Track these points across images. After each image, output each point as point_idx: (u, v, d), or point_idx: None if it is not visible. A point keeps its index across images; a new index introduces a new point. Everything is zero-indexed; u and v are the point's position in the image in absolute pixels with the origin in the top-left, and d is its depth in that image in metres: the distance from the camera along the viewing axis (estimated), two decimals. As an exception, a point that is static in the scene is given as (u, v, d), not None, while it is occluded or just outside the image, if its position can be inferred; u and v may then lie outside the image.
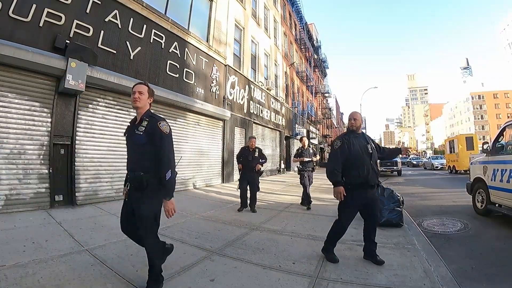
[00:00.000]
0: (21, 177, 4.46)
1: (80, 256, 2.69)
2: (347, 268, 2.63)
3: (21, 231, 3.35)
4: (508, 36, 58.00)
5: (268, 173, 14.55)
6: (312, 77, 26.08)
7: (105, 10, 5.71)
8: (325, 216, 4.91)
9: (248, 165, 5.41)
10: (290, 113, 19.09)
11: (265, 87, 14.33)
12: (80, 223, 3.92)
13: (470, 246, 3.48)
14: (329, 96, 36.93)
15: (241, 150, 5.73)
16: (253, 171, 5.40)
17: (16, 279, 2.13)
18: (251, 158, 5.43)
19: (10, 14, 4.23)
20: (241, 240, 3.49)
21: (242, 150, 5.69)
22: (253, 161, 5.42)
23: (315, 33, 31.67)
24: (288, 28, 20.49)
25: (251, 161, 5.41)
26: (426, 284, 2.30)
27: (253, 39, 13.55)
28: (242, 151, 5.65)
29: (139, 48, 6.52)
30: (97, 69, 5.34)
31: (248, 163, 5.42)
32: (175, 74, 7.65)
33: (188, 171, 8.14)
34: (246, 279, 2.37)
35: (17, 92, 4.47)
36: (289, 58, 20.24)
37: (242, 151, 5.65)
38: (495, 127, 47.22)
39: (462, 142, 17.15)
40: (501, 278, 2.54)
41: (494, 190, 4.56)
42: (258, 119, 13.13)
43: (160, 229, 3.74)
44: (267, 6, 15.90)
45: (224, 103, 10.07)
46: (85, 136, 5.41)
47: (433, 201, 6.94)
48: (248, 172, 5.41)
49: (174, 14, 7.76)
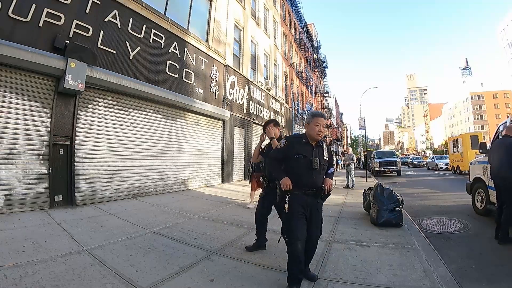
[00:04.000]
0: (21, 177, 4.45)
1: (79, 256, 2.69)
2: (347, 268, 2.63)
3: (21, 231, 3.35)
4: (507, 36, 58.06)
5: (268, 173, 14.54)
6: (312, 77, 26.08)
7: (105, 10, 5.71)
8: (324, 216, 4.89)
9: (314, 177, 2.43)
10: (290, 113, 19.09)
11: (265, 87, 14.33)
12: (79, 223, 3.92)
13: (469, 246, 3.48)
14: (329, 96, 36.95)
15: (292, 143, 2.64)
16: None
17: (15, 279, 2.13)
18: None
19: (9, 14, 4.23)
20: (241, 240, 3.48)
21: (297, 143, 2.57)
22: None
23: (314, 33, 31.68)
24: (288, 28, 20.49)
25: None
26: (426, 284, 2.30)
27: (253, 39, 13.55)
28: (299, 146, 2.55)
29: (139, 48, 6.52)
30: (96, 69, 5.34)
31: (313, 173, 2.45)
32: (175, 74, 7.65)
33: (187, 171, 8.14)
34: (245, 279, 2.37)
35: (16, 92, 4.47)
36: (288, 58, 20.24)
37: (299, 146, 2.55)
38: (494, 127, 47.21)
39: (467, 141, 16.22)
40: (500, 278, 2.54)
41: (493, 190, 4.56)
42: (258, 119, 13.12)
43: (159, 229, 3.78)
44: (267, 6, 15.90)
45: (224, 103, 10.07)
46: (84, 136, 5.41)
47: (433, 201, 6.95)
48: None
49: (173, 14, 7.76)
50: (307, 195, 2.20)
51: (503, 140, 3.71)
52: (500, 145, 3.70)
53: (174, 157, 7.66)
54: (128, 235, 3.46)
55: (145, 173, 6.68)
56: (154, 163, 6.93)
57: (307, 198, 2.20)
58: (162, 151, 7.21)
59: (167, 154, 7.37)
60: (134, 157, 6.44)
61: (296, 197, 2.19)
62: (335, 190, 9.05)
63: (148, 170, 6.76)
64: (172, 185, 7.54)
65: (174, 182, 7.64)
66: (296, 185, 2.18)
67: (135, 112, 6.51)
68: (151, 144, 6.86)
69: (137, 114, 6.56)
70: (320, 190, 2.23)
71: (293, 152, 2.25)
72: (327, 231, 3.89)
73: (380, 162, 17.08)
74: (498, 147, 3.73)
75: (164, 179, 7.25)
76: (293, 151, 2.25)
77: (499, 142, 3.82)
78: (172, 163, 7.57)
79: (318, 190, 2.22)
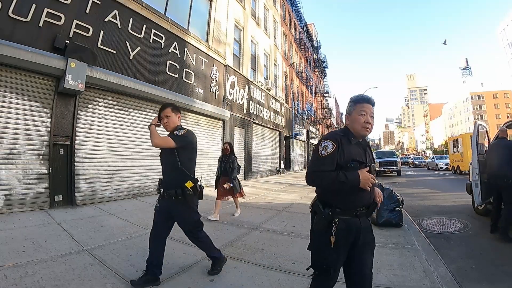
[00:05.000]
0: (21, 177, 4.46)
1: (79, 256, 2.69)
2: (347, 268, 2.62)
3: (21, 231, 3.35)
4: (507, 36, 58.03)
5: (268, 173, 14.56)
6: (312, 77, 26.07)
7: (105, 10, 5.71)
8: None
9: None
10: (290, 113, 19.09)
11: (265, 87, 14.33)
12: (79, 223, 3.92)
13: (470, 246, 3.48)
14: (329, 96, 36.91)
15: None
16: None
17: (15, 279, 2.13)
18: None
19: (10, 14, 4.23)
20: (241, 240, 3.48)
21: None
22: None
23: (314, 33, 31.68)
24: (288, 28, 20.49)
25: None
26: (426, 284, 2.30)
27: (253, 39, 13.55)
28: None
29: (139, 48, 6.52)
30: (96, 69, 5.34)
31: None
32: (175, 74, 7.65)
33: (188, 171, 8.13)
34: (246, 279, 2.37)
35: (17, 92, 4.47)
36: (288, 58, 20.24)
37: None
38: (494, 127, 47.33)
39: (467, 141, 15.86)
40: (501, 278, 2.54)
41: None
42: (258, 119, 13.13)
43: (159, 229, 3.77)
44: (267, 6, 15.90)
45: (224, 103, 10.07)
46: (84, 136, 5.41)
47: (433, 201, 6.94)
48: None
49: (173, 14, 7.76)
50: (359, 216, 1.55)
51: (499, 142, 4.03)
52: (498, 146, 3.98)
53: (174, 157, 7.65)
54: (128, 235, 3.46)
55: (145, 173, 6.68)
56: (154, 163, 6.91)
57: (359, 220, 1.55)
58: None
59: (167, 154, 7.35)
60: (134, 157, 6.44)
61: (346, 223, 1.50)
62: (335, 190, 9.05)
63: (148, 170, 6.76)
64: (172, 185, 7.52)
65: (174, 182, 7.62)
66: (346, 206, 1.51)
67: (135, 112, 6.51)
68: (150, 144, 6.84)
69: (137, 114, 6.56)
70: (373, 206, 1.63)
71: (345, 158, 1.50)
72: (327, 231, 3.89)
73: (380, 162, 17.06)
74: (496, 148, 4.00)
75: (164, 179, 7.23)
76: (344, 156, 1.50)
77: (496, 143, 4.11)
78: (172, 163, 7.56)
79: (370, 207, 1.61)
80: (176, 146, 2.19)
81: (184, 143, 2.24)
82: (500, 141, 4.05)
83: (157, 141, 2.21)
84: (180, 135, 2.25)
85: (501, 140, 4.06)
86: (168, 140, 2.21)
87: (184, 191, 2.20)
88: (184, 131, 2.28)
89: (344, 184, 1.44)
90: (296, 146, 21.04)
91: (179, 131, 2.27)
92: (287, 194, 7.75)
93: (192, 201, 2.30)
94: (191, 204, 2.30)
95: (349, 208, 1.52)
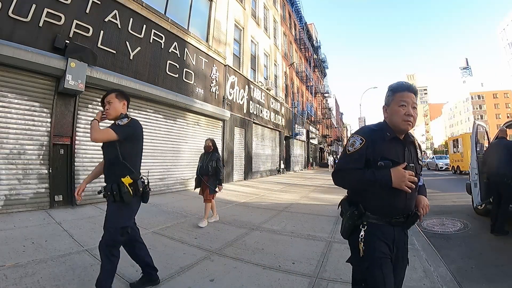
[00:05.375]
0: (21, 177, 4.46)
1: (79, 256, 2.69)
2: (347, 268, 2.62)
3: (21, 231, 3.35)
4: (508, 36, 58.02)
5: (268, 173, 14.56)
6: (312, 77, 26.08)
7: (105, 10, 5.71)
8: (325, 216, 4.91)
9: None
10: (290, 113, 19.09)
11: (265, 87, 14.34)
12: (79, 223, 3.92)
13: (470, 246, 3.48)
14: (329, 96, 36.93)
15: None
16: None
17: (15, 279, 2.13)
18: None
19: (10, 14, 4.23)
20: (241, 240, 3.48)
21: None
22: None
23: (314, 33, 31.68)
24: (288, 28, 20.49)
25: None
26: (426, 284, 2.30)
27: (253, 39, 13.55)
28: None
29: (139, 48, 6.52)
30: (96, 69, 5.34)
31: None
32: (175, 74, 7.65)
33: (187, 171, 8.13)
34: (245, 279, 2.37)
35: (17, 92, 4.47)
36: (288, 58, 20.24)
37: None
38: (494, 127, 47.33)
39: (467, 141, 16.16)
40: (501, 278, 2.54)
41: None
42: (258, 119, 13.13)
43: (159, 229, 3.77)
44: (267, 6, 15.90)
45: (224, 103, 10.07)
46: (84, 136, 5.40)
47: (433, 201, 6.93)
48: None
49: (173, 14, 7.76)
50: (394, 225, 1.31)
51: (499, 141, 4.08)
52: (497, 146, 4.02)
53: (174, 157, 7.66)
54: (128, 235, 3.45)
55: (145, 173, 6.66)
56: (154, 163, 6.92)
57: (393, 230, 1.31)
58: (162, 151, 7.20)
59: (167, 154, 7.37)
60: (134, 157, 6.43)
61: (377, 230, 1.28)
62: (335, 190, 9.05)
63: (148, 170, 6.75)
64: (172, 185, 7.54)
65: (174, 182, 7.64)
66: (379, 212, 1.29)
67: (135, 112, 6.51)
68: (151, 144, 6.86)
69: (137, 114, 6.56)
70: (414, 216, 1.36)
71: (374, 155, 1.30)
72: (327, 231, 3.90)
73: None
74: (495, 148, 4.05)
75: (164, 179, 7.25)
76: (374, 154, 1.30)
77: (496, 143, 4.16)
78: (172, 163, 7.57)
79: (410, 217, 1.35)
80: (119, 138, 1.89)
81: (127, 134, 1.94)
82: (500, 141, 4.08)
83: (96, 136, 1.89)
84: (122, 125, 1.94)
85: (501, 140, 4.10)
86: (109, 133, 1.88)
87: (120, 187, 1.87)
88: (127, 120, 1.98)
89: (371, 183, 1.24)
90: (296, 146, 21.04)
91: (121, 121, 1.97)
92: (287, 194, 7.75)
93: (129, 203, 1.92)
94: (126, 206, 1.93)
95: (382, 214, 1.29)
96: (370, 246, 1.26)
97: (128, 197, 1.89)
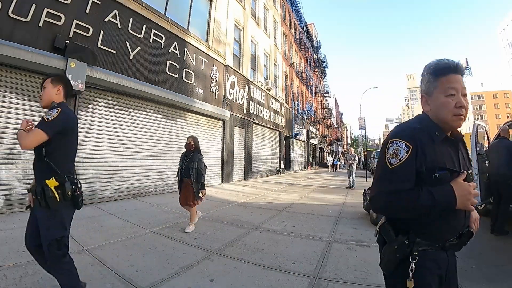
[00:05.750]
0: (21, 177, 4.45)
1: (79, 256, 2.69)
2: (347, 268, 2.63)
3: (21, 231, 3.32)
4: (507, 36, 58.02)
5: (268, 173, 14.56)
6: (312, 77, 26.09)
7: (105, 10, 5.71)
8: (325, 216, 4.91)
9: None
10: (290, 113, 19.10)
11: (265, 87, 14.34)
12: (79, 223, 3.91)
13: (469, 246, 3.46)
14: (329, 96, 36.94)
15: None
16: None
17: (15, 279, 2.13)
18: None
19: (9, 14, 4.23)
20: (241, 240, 3.48)
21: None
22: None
23: (314, 33, 31.69)
24: (288, 28, 20.50)
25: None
26: (426, 284, 2.29)
27: (253, 39, 13.55)
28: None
29: (139, 48, 6.52)
30: (96, 69, 5.34)
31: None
32: (175, 74, 7.65)
33: (187, 171, 8.14)
34: (245, 279, 2.37)
35: (17, 92, 4.47)
36: (288, 58, 20.24)
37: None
38: (494, 127, 47.35)
39: (467, 141, 16.73)
40: (501, 278, 2.54)
41: None
42: (258, 119, 13.13)
43: (159, 229, 3.78)
44: (267, 6, 15.90)
45: (224, 103, 10.07)
46: (84, 136, 5.40)
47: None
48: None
49: (173, 14, 7.76)
50: (448, 249, 1.05)
51: (500, 142, 4.11)
52: (498, 146, 4.05)
53: (174, 157, 7.64)
54: (128, 235, 3.46)
55: (145, 173, 6.68)
56: (154, 163, 6.92)
57: (447, 255, 1.05)
58: (162, 151, 7.20)
59: (167, 154, 7.37)
60: (134, 157, 6.44)
61: (429, 261, 1.00)
62: (335, 190, 9.06)
63: (148, 170, 6.76)
64: (172, 185, 7.52)
65: (174, 182, 7.58)
66: (432, 236, 1.01)
67: (135, 112, 6.51)
68: (151, 144, 6.86)
69: (137, 114, 6.56)
70: (467, 235, 1.08)
71: (426, 165, 0.97)
72: (327, 231, 3.90)
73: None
74: (496, 148, 4.08)
75: (164, 179, 7.25)
76: (426, 163, 0.97)
77: (496, 143, 4.19)
78: (172, 163, 7.56)
79: (463, 237, 1.08)
80: (50, 137, 1.63)
81: (56, 129, 1.65)
82: (501, 141, 4.10)
83: (24, 143, 1.62)
84: (50, 120, 1.65)
85: (502, 140, 4.12)
86: (39, 134, 1.62)
87: (45, 190, 1.60)
88: (56, 112, 1.68)
89: (431, 209, 0.92)
90: (296, 146, 21.04)
91: (50, 113, 1.68)
92: (287, 194, 7.75)
93: (57, 209, 1.64)
94: (55, 213, 1.65)
95: (435, 238, 1.01)
96: (424, 284, 0.97)
97: (54, 202, 1.62)
